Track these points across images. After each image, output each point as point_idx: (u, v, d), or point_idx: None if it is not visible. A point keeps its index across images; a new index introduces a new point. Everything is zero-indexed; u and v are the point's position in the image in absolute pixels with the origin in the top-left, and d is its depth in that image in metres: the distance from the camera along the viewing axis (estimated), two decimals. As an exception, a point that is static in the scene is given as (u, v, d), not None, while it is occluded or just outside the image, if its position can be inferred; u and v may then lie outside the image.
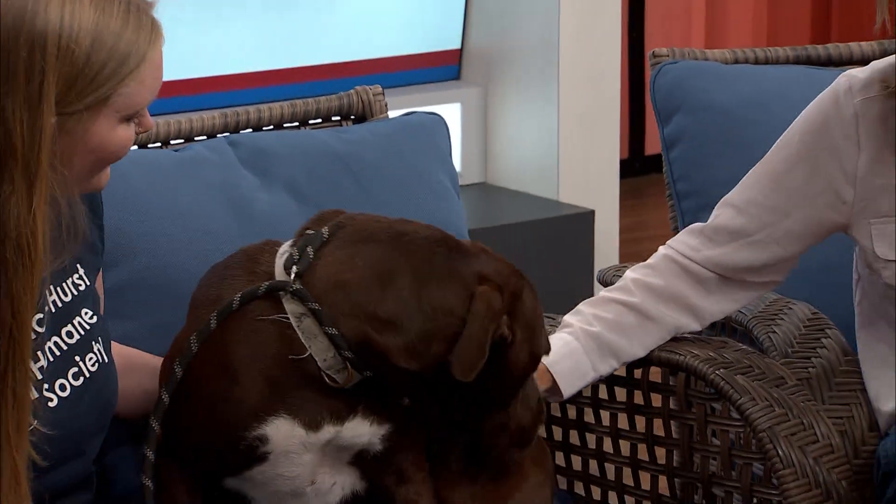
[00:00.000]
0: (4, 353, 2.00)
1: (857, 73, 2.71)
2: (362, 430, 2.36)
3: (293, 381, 2.32)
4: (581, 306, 2.74)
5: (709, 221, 2.75)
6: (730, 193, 2.75)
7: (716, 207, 2.76)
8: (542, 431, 2.53)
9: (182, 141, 2.84)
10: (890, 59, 2.68)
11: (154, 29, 2.11)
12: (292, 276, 2.32)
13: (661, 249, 2.76)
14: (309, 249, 2.33)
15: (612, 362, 2.68)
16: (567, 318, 2.73)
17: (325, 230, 2.36)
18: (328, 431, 2.34)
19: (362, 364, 2.30)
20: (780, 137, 2.73)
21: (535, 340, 2.40)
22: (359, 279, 2.32)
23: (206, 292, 2.42)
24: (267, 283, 2.32)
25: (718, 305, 2.74)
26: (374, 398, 2.35)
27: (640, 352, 2.71)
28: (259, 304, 2.33)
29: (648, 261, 2.76)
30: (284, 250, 2.37)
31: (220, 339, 2.33)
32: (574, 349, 2.65)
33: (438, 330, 2.30)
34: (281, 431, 2.33)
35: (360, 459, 2.39)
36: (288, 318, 2.31)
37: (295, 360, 2.31)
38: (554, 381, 2.63)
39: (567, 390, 2.64)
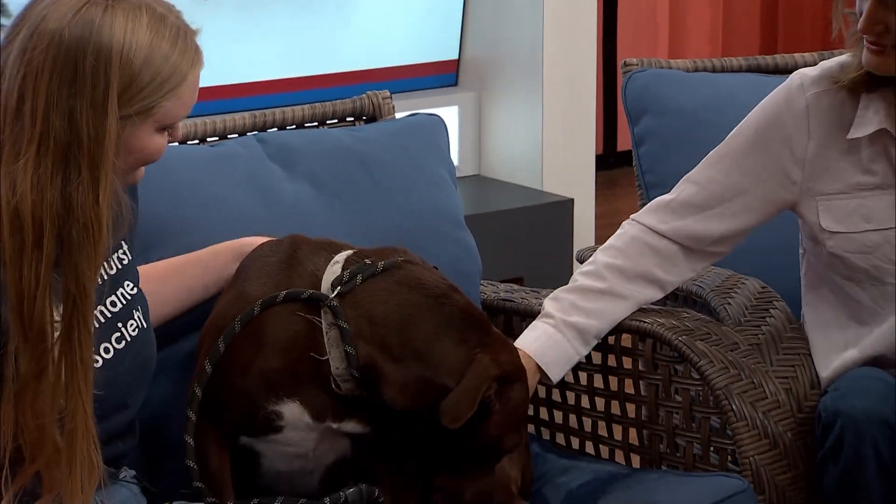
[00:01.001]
0: (69, 317, 1.99)
1: (809, 71, 2.71)
2: (357, 428, 2.37)
3: (310, 375, 2.33)
4: (559, 293, 2.71)
5: (672, 196, 2.75)
6: (691, 172, 2.75)
7: (678, 184, 2.76)
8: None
9: (217, 138, 2.83)
10: (839, 58, 2.69)
11: (196, 54, 2.10)
12: (334, 293, 2.33)
13: (628, 227, 2.75)
14: (359, 278, 2.34)
15: (591, 342, 2.68)
16: (547, 306, 2.69)
17: (380, 265, 2.36)
18: (329, 424, 2.36)
19: (364, 384, 2.31)
20: (738, 125, 2.74)
21: (512, 424, 2.38)
22: (386, 316, 2.33)
23: (256, 272, 2.42)
24: (311, 292, 2.34)
25: (679, 275, 2.74)
26: (369, 407, 2.35)
27: (609, 327, 2.71)
28: (300, 304, 2.35)
29: (616, 241, 2.74)
30: (339, 260, 2.38)
31: (261, 322, 2.34)
32: (557, 340, 2.65)
33: (432, 381, 2.30)
34: (292, 413, 2.35)
35: (354, 437, 2.40)
36: (321, 322, 2.33)
37: (316, 358, 2.32)
38: (541, 370, 2.62)
39: (556, 377, 2.64)
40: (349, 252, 2.40)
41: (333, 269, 2.37)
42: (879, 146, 2.66)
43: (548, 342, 2.64)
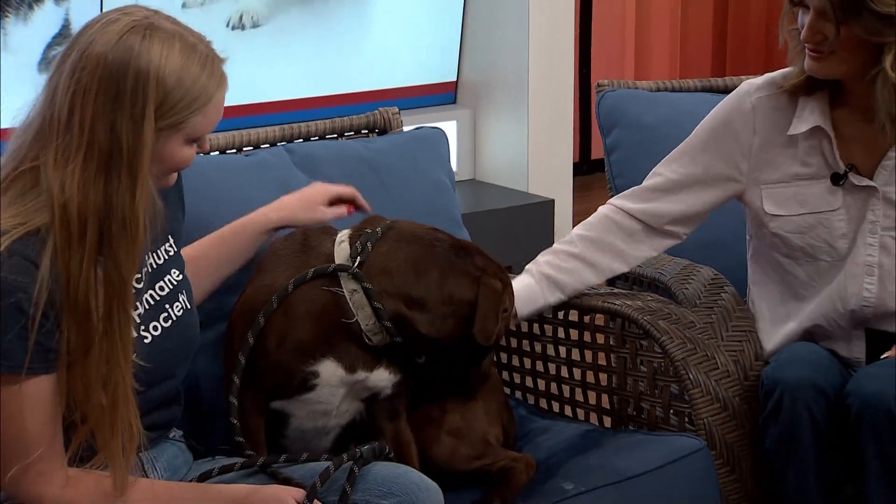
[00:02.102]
0: (109, 300, 1.99)
1: (755, 80, 2.74)
2: (383, 377, 2.38)
3: (341, 337, 2.35)
4: (539, 256, 2.73)
5: (642, 185, 2.76)
6: (657, 166, 2.77)
7: (648, 176, 2.77)
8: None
9: (251, 148, 2.83)
10: (781, 70, 2.69)
11: (221, 78, 2.09)
12: (356, 262, 2.36)
13: (602, 209, 2.75)
14: (368, 244, 2.37)
15: (558, 294, 2.68)
16: (529, 265, 2.72)
17: (378, 230, 2.40)
18: (361, 374, 2.37)
19: (396, 331, 2.34)
20: (697, 127, 2.75)
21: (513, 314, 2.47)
22: (400, 269, 2.36)
23: (276, 262, 2.43)
24: (334, 265, 2.36)
25: (641, 252, 2.74)
26: (393, 357, 2.38)
27: (580, 287, 2.71)
28: (326, 278, 2.36)
29: (590, 219, 2.75)
30: (342, 239, 2.41)
31: (294, 298, 2.36)
32: (529, 285, 2.66)
33: (452, 312, 2.35)
34: (328, 370, 2.36)
35: (370, 398, 2.41)
36: (342, 292, 2.34)
37: (345, 322, 2.34)
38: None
39: (521, 313, 2.63)
40: (346, 231, 2.44)
41: (342, 246, 2.40)
42: (815, 141, 2.67)
43: (524, 289, 2.63)
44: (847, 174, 2.65)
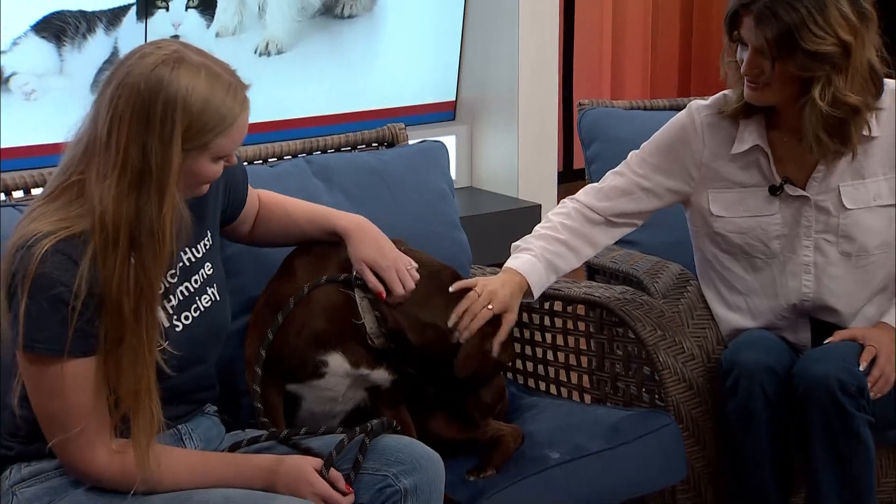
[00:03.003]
0: (137, 301, 1.99)
1: (701, 101, 2.73)
2: (383, 376, 2.39)
3: (350, 334, 2.35)
4: (533, 240, 2.64)
5: (601, 184, 2.74)
6: (617, 168, 2.75)
7: (605, 175, 2.75)
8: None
9: (275, 159, 2.82)
10: (724, 93, 2.69)
11: (244, 103, 2.08)
12: None
13: (569, 203, 2.72)
14: None
15: (553, 277, 2.64)
16: (527, 246, 2.63)
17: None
18: (363, 371, 2.37)
19: (393, 338, 2.34)
20: (652, 137, 2.74)
21: (503, 355, 2.44)
22: None
23: (301, 264, 2.43)
24: (344, 276, 2.37)
25: (605, 240, 2.71)
26: (392, 360, 2.38)
27: (568, 270, 2.67)
28: (338, 285, 2.37)
29: (564, 210, 2.70)
30: None
31: (315, 295, 2.36)
32: (538, 268, 2.58)
33: (440, 332, 2.36)
34: (336, 361, 2.36)
35: (372, 389, 2.41)
36: (355, 295, 2.35)
37: (354, 322, 2.35)
38: (529, 287, 2.56)
39: (537, 294, 2.59)
40: None
41: None
42: (754, 157, 2.67)
43: (532, 267, 2.57)
44: (783, 186, 2.65)
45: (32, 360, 1.99)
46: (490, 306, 2.40)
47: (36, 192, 2.47)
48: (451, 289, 2.40)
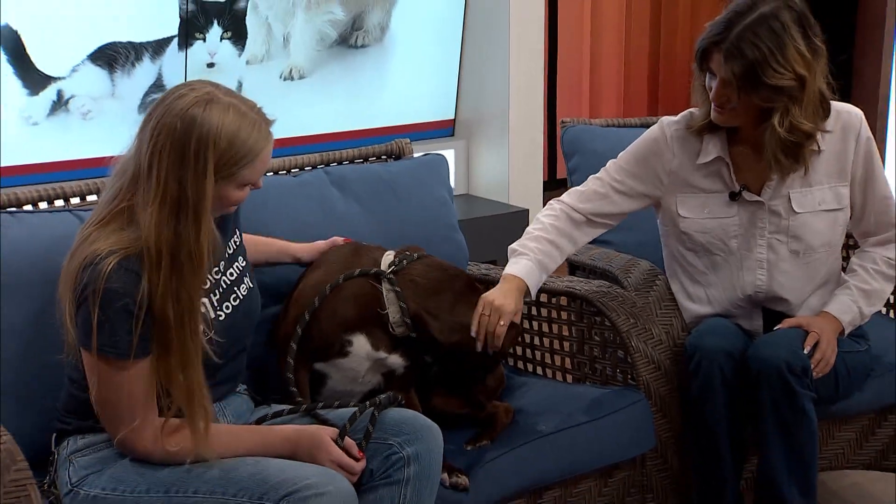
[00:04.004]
0: (180, 313, 1.99)
1: (672, 118, 2.73)
2: (398, 361, 2.39)
3: (374, 321, 2.37)
4: (528, 242, 2.62)
5: (583, 188, 2.73)
6: (598, 173, 2.74)
7: (587, 180, 2.74)
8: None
9: (298, 170, 2.82)
10: (690, 110, 2.69)
11: (268, 137, 2.07)
12: (391, 269, 2.39)
13: (556, 205, 2.70)
14: (404, 262, 2.40)
15: (545, 276, 2.62)
16: (521, 247, 2.61)
17: (415, 255, 2.44)
18: (382, 354, 2.38)
19: (414, 328, 2.35)
20: (628, 147, 2.74)
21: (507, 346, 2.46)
22: (424, 285, 2.39)
23: (333, 261, 2.44)
24: (375, 269, 2.39)
25: (585, 238, 2.70)
26: (409, 348, 2.39)
27: (554, 268, 2.66)
28: (368, 277, 2.38)
29: (551, 212, 2.69)
30: (390, 254, 2.44)
31: (343, 287, 2.38)
32: (532, 270, 2.57)
33: (458, 328, 2.37)
34: (360, 342, 2.37)
35: (387, 374, 2.41)
36: (381, 288, 2.37)
37: (379, 312, 2.36)
38: (527, 288, 2.54)
39: (534, 293, 2.57)
40: (392, 251, 2.46)
41: (387, 258, 2.42)
42: (716, 167, 2.67)
43: (529, 271, 2.56)
44: (741, 192, 2.65)
45: (103, 361, 2.00)
46: (502, 323, 2.40)
47: (91, 198, 2.48)
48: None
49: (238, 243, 2.27)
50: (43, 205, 2.44)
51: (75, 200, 2.48)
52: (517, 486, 2.41)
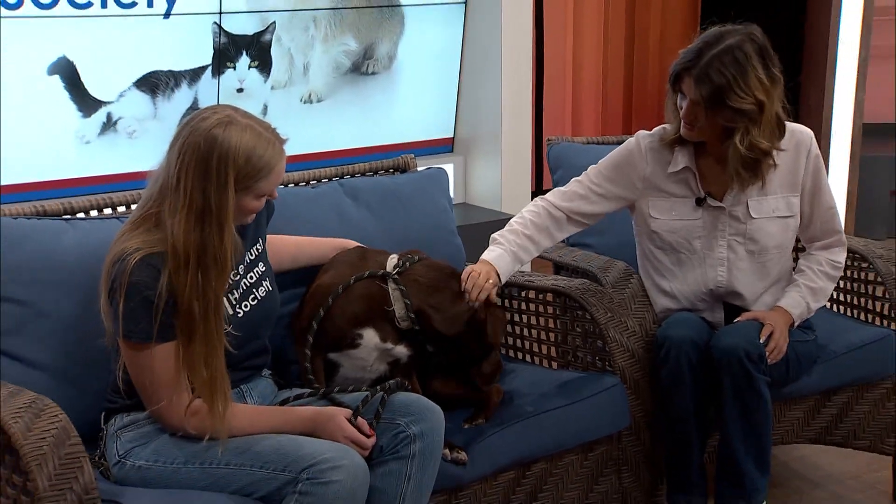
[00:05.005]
0: (205, 309, 1.99)
1: (646, 132, 2.71)
2: (403, 351, 2.37)
3: (382, 317, 2.35)
4: (506, 233, 2.60)
5: (566, 188, 2.71)
6: (580, 176, 2.72)
7: (570, 182, 2.72)
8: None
9: (315, 182, 2.80)
10: (663, 126, 2.68)
11: (281, 154, 2.06)
12: (396, 270, 2.36)
13: (540, 202, 2.68)
14: (407, 264, 2.38)
15: (517, 265, 2.60)
16: (499, 237, 2.60)
17: (416, 258, 2.41)
18: (389, 345, 2.36)
19: (417, 321, 2.34)
20: (607, 155, 2.72)
21: (497, 337, 2.46)
22: (425, 283, 2.37)
23: (344, 263, 2.42)
24: (383, 271, 2.37)
25: (562, 234, 2.68)
26: (412, 340, 2.37)
27: (528, 259, 2.64)
28: (376, 279, 2.36)
29: (534, 208, 2.67)
30: (394, 257, 2.41)
31: (354, 287, 2.36)
32: (504, 258, 2.55)
33: (454, 317, 2.36)
34: (369, 335, 2.35)
35: (393, 362, 2.39)
36: (387, 287, 2.35)
37: (386, 308, 2.34)
38: (497, 273, 2.52)
39: (504, 279, 2.55)
40: (396, 254, 2.44)
41: (392, 261, 2.40)
42: (684, 175, 2.66)
43: (500, 258, 2.55)
44: (706, 198, 2.64)
45: (130, 345, 2.01)
46: (490, 281, 2.40)
47: (134, 207, 2.46)
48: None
49: (260, 251, 2.26)
50: (93, 213, 2.44)
51: (121, 209, 2.47)
52: (508, 460, 2.40)
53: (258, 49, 3.96)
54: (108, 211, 2.46)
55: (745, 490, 2.56)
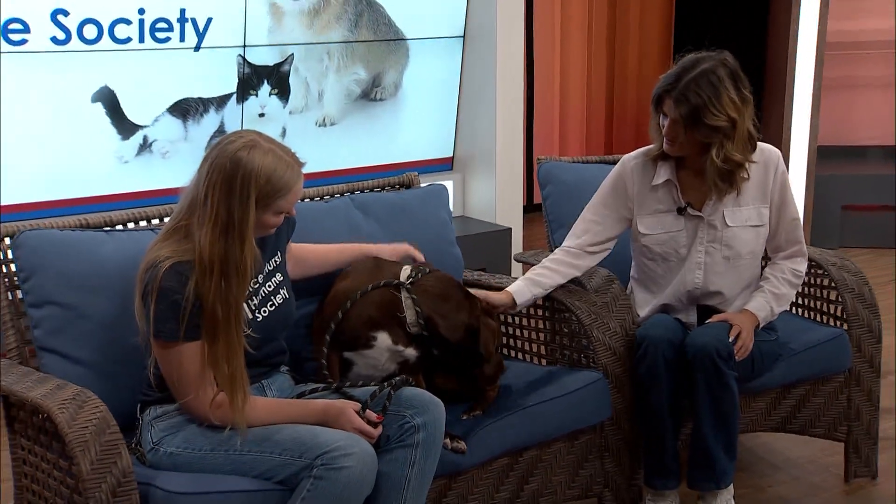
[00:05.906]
0: (227, 313, 1.98)
1: (631, 154, 2.70)
2: (412, 353, 2.35)
3: (395, 322, 2.32)
4: (537, 267, 2.64)
5: (573, 229, 2.71)
6: (583, 212, 2.72)
7: (574, 224, 2.72)
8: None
9: (328, 196, 2.78)
10: (648, 147, 2.67)
11: (299, 175, 2.06)
12: (409, 280, 2.34)
13: (558, 250, 2.69)
14: (419, 275, 2.36)
15: (537, 290, 2.60)
16: (528, 273, 2.63)
17: (427, 269, 2.39)
18: (399, 347, 2.34)
19: (426, 327, 2.31)
20: (599, 188, 2.71)
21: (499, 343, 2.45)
22: (434, 293, 2.34)
23: (361, 272, 2.40)
24: (397, 280, 2.34)
25: (585, 264, 2.67)
26: (420, 343, 2.34)
27: (550, 284, 2.63)
28: (390, 288, 2.34)
29: (553, 255, 2.68)
30: (406, 268, 2.39)
31: (370, 294, 2.34)
32: (524, 290, 2.58)
33: (458, 324, 2.33)
34: (383, 337, 2.33)
35: (402, 363, 2.37)
36: (400, 295, 2.33)
37: (398, 315, 2.32)
38: (514, 299, 2.56)
39: (520, 307, 2.58)
40: (409, 266, 2.42)
41: (405, 272, 2.38)
42: (667, 188, 2.65)
43: (520, 290, 2.57)
44: (686, 208, 2.63)
45: (160, 344, 2.00)
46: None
47: (167, 220, 2.44)
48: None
49: (278, 262, 2.25)
50: (130, 225, 2.43)
51: (155, 221, 2.46)
52: (502, 449, 2.38)
53: (278, 78, 3.96)
54: (143, 223, 2.45)
55: (715, 473, 2.55)
